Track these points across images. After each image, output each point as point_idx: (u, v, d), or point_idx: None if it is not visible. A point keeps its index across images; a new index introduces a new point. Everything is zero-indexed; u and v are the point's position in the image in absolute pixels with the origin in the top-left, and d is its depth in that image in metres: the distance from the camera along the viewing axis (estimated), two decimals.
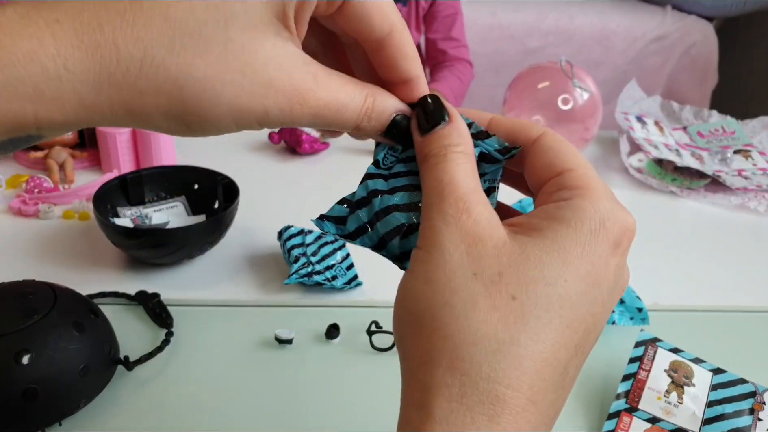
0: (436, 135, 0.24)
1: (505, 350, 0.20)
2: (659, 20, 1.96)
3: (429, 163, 0.24)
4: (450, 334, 0.20)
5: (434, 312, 0.20)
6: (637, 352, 0.51)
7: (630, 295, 0.58)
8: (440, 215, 0.22)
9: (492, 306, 0.20)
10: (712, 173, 0.89)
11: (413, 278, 0.22)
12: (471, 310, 0.20)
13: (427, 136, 0.24)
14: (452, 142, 0.24)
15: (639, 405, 0.47)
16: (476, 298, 0.20)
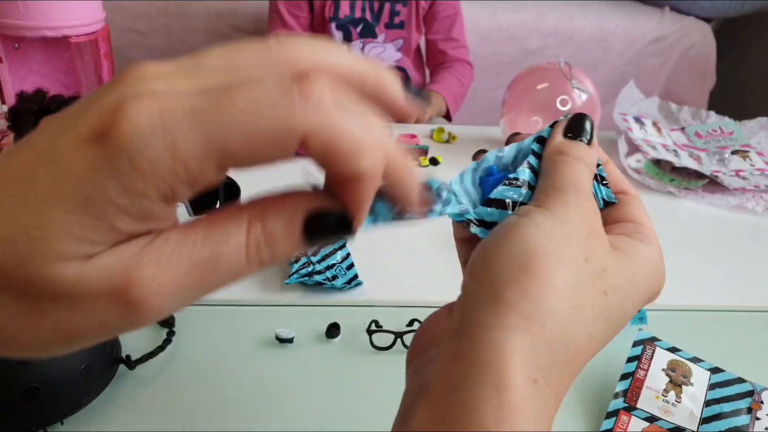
0: (577, 143, 0.26)
1: (583, 333, 0.22)
2: (658, 21, 1.96)
3: (564, 158, 0.25)
4: (553, 286, 0.22)
5: (544, 262, 0.22)
6: (635, 351, 0.51)
7: None
8: (571, 194, 0.24)
9: (588, 290, 0.23)
10: (709, 174, 0.89)
11: (532, 224, 0.23)
12: (575, 284, 0.22)
13: (569, 140, 0.26)
14: (585, 158, 0.25)
15: (637, 404, 0.48)
16: (582, 278, 0.22)
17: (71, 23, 0.76)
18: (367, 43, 1.40)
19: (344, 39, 1.39)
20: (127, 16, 1.70)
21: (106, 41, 0.81)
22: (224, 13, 1.74)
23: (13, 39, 0.79)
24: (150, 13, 1.71)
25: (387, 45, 1.42)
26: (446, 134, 1.01)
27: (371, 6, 1.37)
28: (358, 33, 1.39)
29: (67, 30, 0.76)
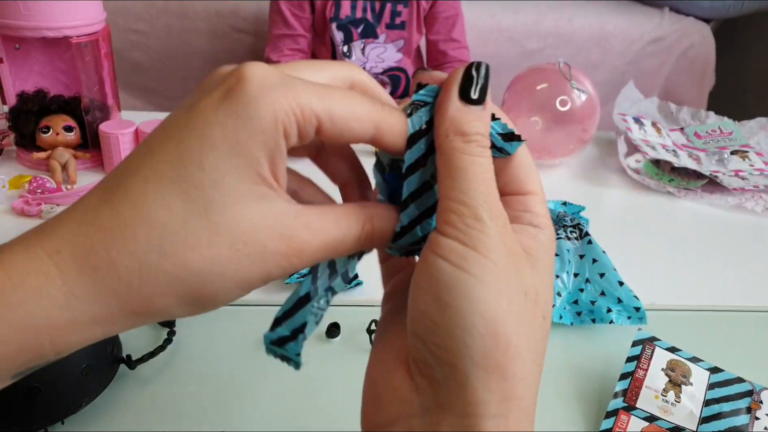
0: (476, 112, 0.22)
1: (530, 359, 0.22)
2: (657, 22, 1.96)
3: (467, 147, 0.22)
4: (520, 355, 0.21)
5: (505, 330, 0.21)
6: (634, 351, 0.51)
7: (628, 294, 0.58)
8: (489, 222, 0.21)
9: (536, 327, 0.22)
10: (709, 174, 0.89)
11: (478, 284, 0.20)
12: (528, 333, 0.21)
13: (467, 107, 0.22)
14: (482, 132, 0.22)
15: (636, 404, 0.48)
16: (529, 321, 0.21)
17: (72, 24, 0.76)
18: (368, 44, 1.40)
19: (345, 39, 1.39)
20: (128, 16, 1.70)
21: (106, 41, 0.81)
22: (225, 13, 1.74)
23: (13, 39, 0.79)
24: (151, 13, 1.71)
25: (388, 45, 1.42)
26: None
27: (372, 6, 1.38)
28: (359, 33, 1.39)
29: (68, 30, 0.76)
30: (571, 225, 0.65)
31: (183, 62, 1.78)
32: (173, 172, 0.20)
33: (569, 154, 0.91)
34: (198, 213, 0.20)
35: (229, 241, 0.20)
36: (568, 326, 0.58)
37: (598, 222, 0.72)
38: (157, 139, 0.20)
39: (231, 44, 1.77)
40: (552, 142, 0.89)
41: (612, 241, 0.67)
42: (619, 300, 0.58)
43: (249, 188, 0.20)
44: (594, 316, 0.57)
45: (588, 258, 0.61)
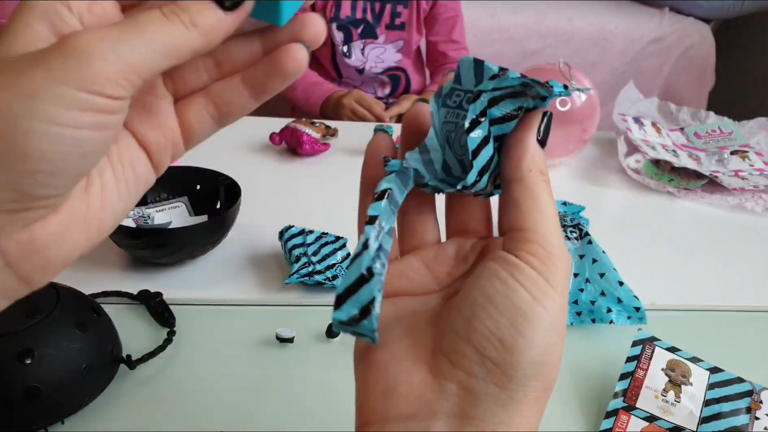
0: (544, 156, 0.24)
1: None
2: (657, 22, 1.96)
3: (545, 185, 0.24)
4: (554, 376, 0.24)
5: (554, 350, 0.23)
6: (634, 351, 0.51)
7: (628, 294, 0.58)
8: (563, 262, 0.23)
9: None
10: (709, 174, 0.89)
11: (548, 317, 0.23)
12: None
13: (541, 152, 0.24)
14: (544, 170, 0.24)
15: (636, 404, 0.48)
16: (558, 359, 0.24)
17: None
18: (368, 44, 1.40)
19: (345, 40, 1.39)
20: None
21: None
22: None
23: None
24: None
25: (387, 46, 1.42)
26: None
27: (372, 7, 1.38)
28: (358, 34, 1.39)
29: None
30: (571, 225, 0.65)
31: None
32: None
33: (569, 154, 0.91)
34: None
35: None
36: (568, 326, 0.58)
37: (598, 222, 0.72)
38: None
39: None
40: (552, 142, 0.89)
41: (612, 241, 0.67)
42: (619, 300, 0.58)
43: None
44: (594, 316, 0.57)
45: (588, 258, 0.61)
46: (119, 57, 0.19)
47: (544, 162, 0.24)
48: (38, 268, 0.21)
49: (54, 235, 0.21)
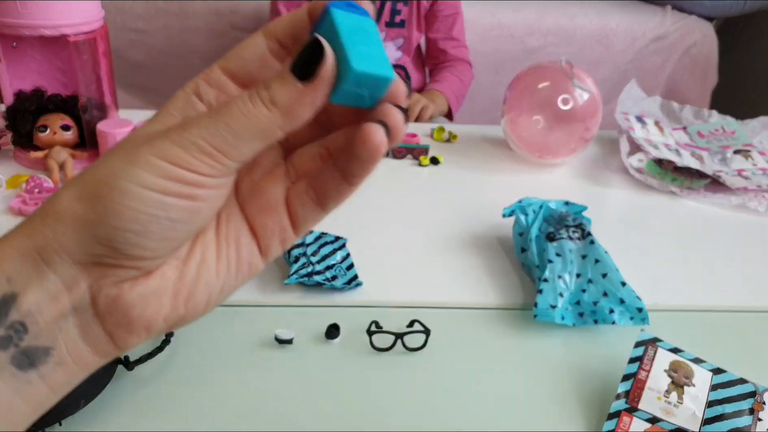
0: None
1: None
2: (659, 20, 1.96)
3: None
4: None
5: None
6: (636, 352, 0.51)
7: (630, 295, 0.57)
8: None
9: None
10: (712, 173, 0.89)
11: None
12: None
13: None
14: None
15: (639, 405, 0.47)
16: None
17: (70, 22, 0.76)
18: None
19: None
20: (127, 15, 1.70)
21: (104, 40, 0.80)
22: (224, 12, 1.73)
23: (11, 38, 0.79)
24: (150, 12, 1.71)
25: (387, 44, 1.41)
26: (447, 133, 1.01)
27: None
28: None
29: (66, 29, 0.76)
30: (573, 225, 0.64)
31: (182, 61, 1.78)
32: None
33: (571, 153, 0.91)
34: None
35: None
36: (570, 327, 0.57)
37: (601, 222, 0.72)
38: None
39: (230, 43, 1.76)
40: (554, 141, 0.89)
41: (614, 241, 0.67)
42: (621, 301, 0.57)
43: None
44: (596, 317, 0.57)
45: (590, 258, 0.61)
46: (205, 139, 0.21)
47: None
48: (121, 325, 0.23)
49: (139, 297, 0.23)
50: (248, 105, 0.22)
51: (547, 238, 0.63)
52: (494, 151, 0.98)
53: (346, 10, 0.23)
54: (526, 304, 0.61)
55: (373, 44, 0.23)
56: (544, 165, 0.93)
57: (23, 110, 0.79)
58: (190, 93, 0.24)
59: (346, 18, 0.23)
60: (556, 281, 0.59)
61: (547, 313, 0.56)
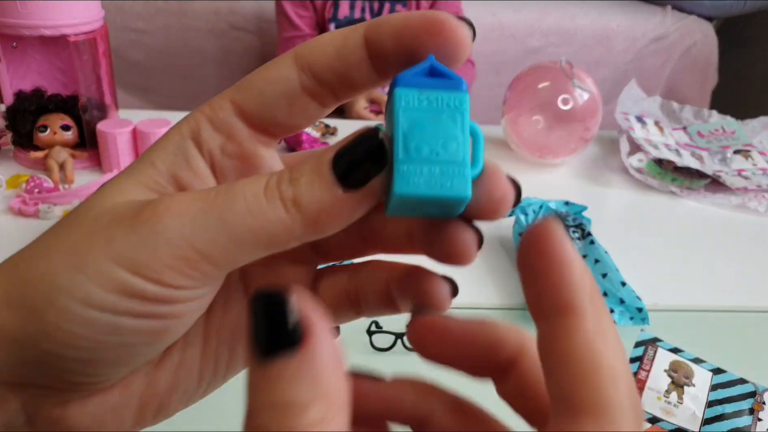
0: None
1: None
2: (659, 20, 1.96)
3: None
4: None
5: None
6: (636, 352, 0.51)
7: (630, 295, 0.57)
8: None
9: None
10: (712, 173, 0.89)
11: None
12: None
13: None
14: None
15: None
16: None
17: (70, 22, 0.75)
18: None
19: None
20: (126, 14, 1.70)
21: (104, 40, 0.80)
22: (224, 11, 1.73)
23: (11, 38, 0.79)
24: (149, 12, 1.71)
25: None
26: None
27: (371, 6, 1.37)
28: None
29: (66, 29, 0.76)
30: (573, 225, 0.64)
31: (181, 61, 1.78)
32: None
33: (571, 153, 0.91)
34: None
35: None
36: None
37: (601, 222, 0.72)
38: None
39: (230, 42, 1.76)
40: (554, 141, 0.89)
41: (614, 241, 0.67)
42: (621, 301, 0.57)
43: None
44: None
45: (590, 258, 0.61)
46: (187, 240, 0.15)
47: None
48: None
49: (91, 417, 0.17)
50: (261, 200, 0.16)
51: None
52: (494, 151, 0.97)
53: (423, 85, 0.17)
54: (526, 304, 0.60)
55: (450, 142, 0.16)
56: (544, 165, 0.93)
57: (23, 110, 0.79)
58: (186, 136, 0.18)
59: (419, 99, 0.16)
60: None
61: None
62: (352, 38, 0.17)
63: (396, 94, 0.16)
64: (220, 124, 0.18)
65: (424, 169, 0.16)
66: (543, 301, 0.16)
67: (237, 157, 0.18)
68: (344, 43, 0.17)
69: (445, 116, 0.16)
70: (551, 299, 0.16)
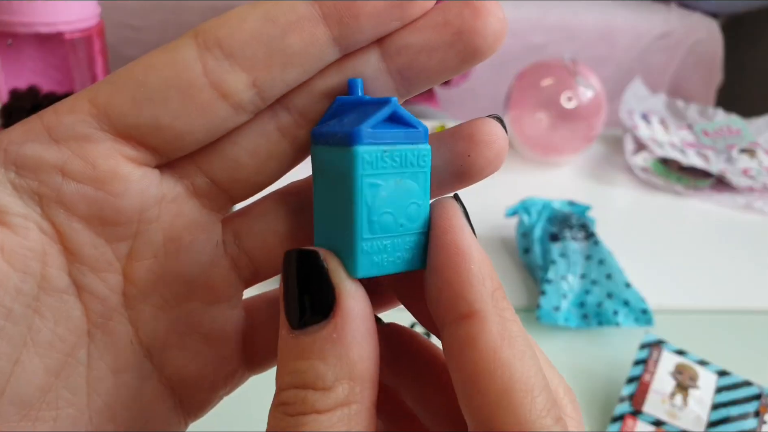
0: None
1: None
2: (664, 17, 1.95)
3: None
4: None
5: None
6: (641, 354, 0.50)
7: (635, 296, 0.57)
8: None
9: None
10: (717, 172, 0.88)
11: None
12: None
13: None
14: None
15: (643, 408, 0.47)
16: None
17: (65, 19, 0.75)
18: None
19: None
20: (123, 12, 1.70)
21: (100, 37, 0.79)
22: (221, 8, 1.71)
23: (6, 35, 0.79)
24: (145, 9, 1.71)
25: None
26: None
27: None
28: None
29: (62, 26, 0.75)
30: (577, 225, 0.64)
31: None
32: None
33: (575, 152, 0.90)
34: None
35: None
36: (574, 329, 0.56)
37: (605, 222, 0.71)
38: None
39: None
40: (557, 139, 0.88)
41: (618, 241, 0.66)
42: (626, 302, 0.56)
43: None
44: (600, 319, 0.56)
45: (594, 259, 0.60)
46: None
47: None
48: None
49: None
50: None
51: (550, 239, 0.62)
52: None
53: (385, 138, 0.14)
54: (529, 305, 0.60)
55: (412, 207, 0.15)
56: (547, 164, 0.92)
57: (18, 108, 0.78)
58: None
59: (382, 159, 0.14)
60: (559, 282, 0.58)
61: (551, 315, 0.56)
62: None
63: (357, 155, 0.14)
64: (64, 133, 0.14)
65: (388, 245, 0.15)
66: (440, 303, 0.15)
67: (88, 180, 0.15)
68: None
69: (408, 176, 0.15)
70: (449, 301, 0.14)
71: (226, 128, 0.15)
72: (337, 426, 0.13)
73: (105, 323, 0.15)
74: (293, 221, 0.17)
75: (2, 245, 0.14)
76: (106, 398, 0.16)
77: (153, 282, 0.16)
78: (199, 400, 0.18)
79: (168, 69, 0.14)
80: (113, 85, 0.14)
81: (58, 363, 0.15)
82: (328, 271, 0.14)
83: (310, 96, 0.15)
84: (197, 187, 0.16)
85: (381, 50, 0.15)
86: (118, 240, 0.15)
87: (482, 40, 0.15)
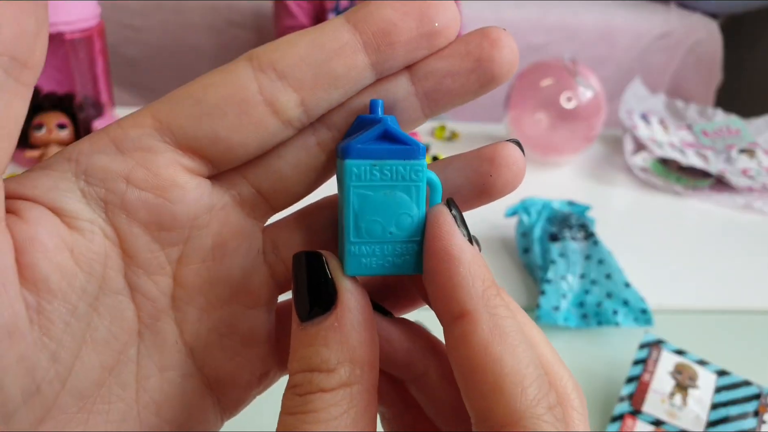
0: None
1: None
2: (663, 17, 1.95)
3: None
4: None
5: None
6: (641, 354, 0.50)
7: (634, 296, 0.57)
8: None
9: None
10: (716, 172, 0.88)
11: None
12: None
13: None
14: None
15: (643, 408, 0.47)
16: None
17: (66, 19, 0.75)
18: None
19: None
20: (123, 11, 1.69)
21: (101, 38, 0.79)
22: (221, 8, 1.73)
23: None
24: (146, 9, 1.70)
25: None
26: (448, 132, 1.00)
27: None
28: None
29: (62, 26, 0.75)
30: (577, 225, 0.64)
31: (178, 58, 1.77)
32: None
33: (575, 152, 0.90)
34: None
35: None
36: (574, 329, 0.57)
37: (604, 222, 0.71)
38: None
39: (227, 39, 1.76)
40: (557, 139, 0.88)
41: (618, 241, 0.66)
42: (625, 302, 0.57)
43: None
44: (600, 319, 0.56)
45: (594, 259, 0.60)
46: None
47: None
48: None
49: None
50: None
51: (550, 239, 0.62)
52: None
53: (376, 154, 0.15)
54: (528, 305, 0.60)
55: (404, 218, 0.16)
56: (547, 164, 0.92)
57: None
58: (65, 169, 0.16)
59: (371, 171, 0.16)
60: (559, 282, 0.58)
61: (550, 315, 0.56)
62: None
63: (347, 168, 0.16)
64: (130, 144, 0.16)
65: (377, 249, 0.16)
66: (436, 305, 0.16)
67: (150, 187, 0.16)
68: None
69: (399, 189, 0.16)
70: (443, 304, 0.16)
71: (274, 142, 0.17)
72: (340, 403, 0.15)
73: (153, 323, 0.17)
74: (326, 233, 0.19)
75: (72, 248, 0.15)
76: (153, 394, 0.17)
77: (199, 285, 0.17)
78: (234, 398, 0.19)
79: (226, 87, 0.16)
80: (173, 102, 0.16)
81: (111, 359, 0.16)
82: (329, 270, 0.16)
83: (346, 114, 0.17)
84: (243, 196, 0.18)
85: (410, 75, 0.17)
86: (171, 245, 0.17)
87: (498, 67, 0.17)
